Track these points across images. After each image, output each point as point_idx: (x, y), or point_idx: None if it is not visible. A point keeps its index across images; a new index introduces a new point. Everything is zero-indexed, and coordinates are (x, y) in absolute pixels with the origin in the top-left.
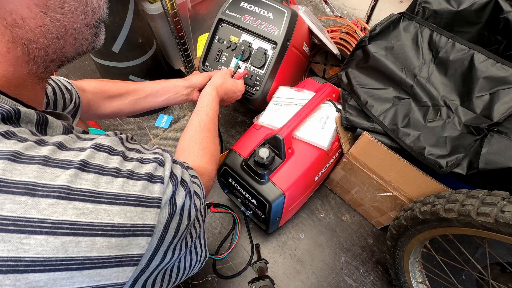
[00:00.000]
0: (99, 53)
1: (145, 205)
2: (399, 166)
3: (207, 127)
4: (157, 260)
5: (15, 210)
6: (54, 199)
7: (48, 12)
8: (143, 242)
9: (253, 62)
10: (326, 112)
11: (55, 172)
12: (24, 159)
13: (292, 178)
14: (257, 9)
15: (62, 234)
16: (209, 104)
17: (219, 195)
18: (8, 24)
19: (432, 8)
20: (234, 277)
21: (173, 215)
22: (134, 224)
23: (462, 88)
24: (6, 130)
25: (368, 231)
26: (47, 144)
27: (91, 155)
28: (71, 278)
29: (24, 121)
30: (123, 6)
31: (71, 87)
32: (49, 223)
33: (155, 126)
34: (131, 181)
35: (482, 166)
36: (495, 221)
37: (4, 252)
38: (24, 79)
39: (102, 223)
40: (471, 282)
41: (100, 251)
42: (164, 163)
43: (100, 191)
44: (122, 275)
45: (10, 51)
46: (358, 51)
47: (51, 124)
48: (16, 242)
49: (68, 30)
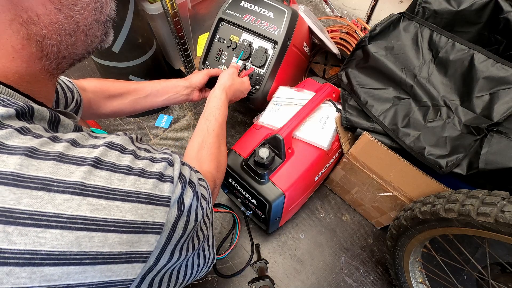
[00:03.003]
0: (99, 53)
1: (155, 203)
2: (399, 166)
3: (215, 133)
4: (165, 258)
5: (32, 205)
6: (69, 194)
7: (62, 8)
8: (152, 240)
9: (253, 61)
10: (326, 112)
11: (69, 169)
12: (40, 155)
13: (292, 178)
14: (258, 8)
15: (77, 229)
16: (218, 108)
17: (219, 195)
18: (24, 21)
19: (432, 8)
20: (234, 276)
21: (181, 215)
22: (144, 221)
23: (462, 88)
24: (22, 126)
25: (368, 231)
26: (61, 141)
27: (104, 152)
28: (84, 272)
29: (38, 118)
30: (123, 6)
31: (72, 86)
32: (64, 218)
33: (155, 126)
34: (142, 179)
35: (482, 166)
36: (495, 221)
37: (22, 245)
38: (37, 76)
39: (115, 219)
40: (471, 282)
41: (112, 247)
42: (173, 163)
43: (113, 187)
44: (132, 272)
45: (24, 48)
46: (358, 51)
47: (63, 122)
48: (32, 236)
49: (80, 27)
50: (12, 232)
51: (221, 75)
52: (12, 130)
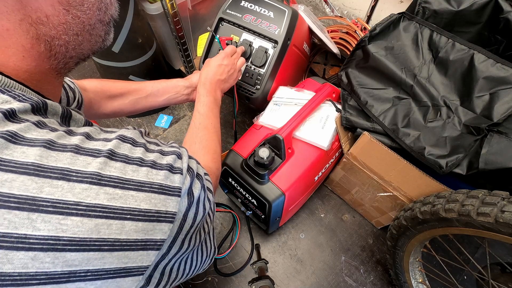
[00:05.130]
0: (99, 53)
1: (167, 193)
2: (399, 166)
3: (202, 125)
4: (176, 247)
5: (53, 193)
6: (87, 184)
7: (70, 9)
8: (165, 228)
9: (253, 61)
10: (326, 112)
11: (86, 160)
12: (57, 147)
13: (292, 178)
14: (258, 8)
15: (96, 216)
16: (199, 101)
17: (219, 195)
18: (33, 22)
19: (432, 8)
20: (233, 274)
21: (191, 205)
22: (158, 210)
23: (462, 88)
24: (38, 120)
25: (368, 231)
26: (76, 134)
27: (117, 145)
28: (102, 258)
29: (51, 113)
30: (123, 6)
31: (74, 86)
32: (84, 206)
33: (155, 126)
34: (154, 170)
35: (482, 166)
36: (495, 221)
37: (45, 231)
38: (46, 74)
39: (130, 208)
40: (471, 282)
41: (129, 234)
42: (181, 156)
43: (127, 178)
44: (147, 259)
45: (34, 47)
46: (358, 51)
47: (74, 117)
48: (55, 223)
49: (85, 27)
50: (36, 219)
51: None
52: (29, 123)
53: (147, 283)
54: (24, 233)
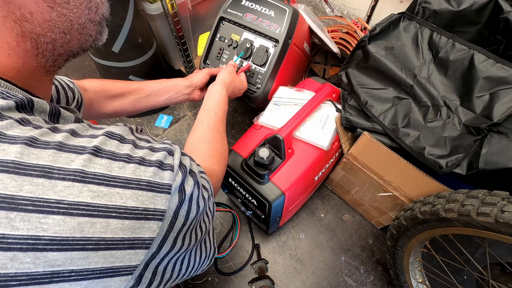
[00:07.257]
0: (99, 53)
1: (156, 190)
2: (399, 166)
3: (216, 127)
4: (167, 246)
5: (33, 191)
6: (70, 181)
7: (55, 6)
8: (154, 226)
9: (254, 60)
10: (326, 112)
11: (69, 157)
12: (40, 144)
13: (292, 178)
14: (259, 7)
15: (78, 215)
16: (218, 103)
17: (219, 195)
18: (17, 19)
19: (432, 8)
20: (233, 274)
21: (183, 203)
22: (145, 208)
23: (462, 88)
24: (21, 117)
25: (368, 231)
26: (61, 131)
27: (104, 141)
28: (87, 258)
29: (38, 111)
30: (123, 6)
31: (73, 86)
32: (66, 204)
33: (155, 126)
34: (142, 167)
35: (482, 166)
36: (495, 221)
37: (24, 230)
38: (33, 72)
39: (116, 206)
40: (471, 282)
41: (114, 233)
42: (173, 152)
43: (113, 175)
44: (135, 258)
45: (19, 45)
46: (358, 51)
47: (64, 114)
48: (35, 221)
49: (74, 25)
50: (15, 218)
51: (221, 72)
52: (12, 121)
53: (137, 283)
54: (2, 232)
